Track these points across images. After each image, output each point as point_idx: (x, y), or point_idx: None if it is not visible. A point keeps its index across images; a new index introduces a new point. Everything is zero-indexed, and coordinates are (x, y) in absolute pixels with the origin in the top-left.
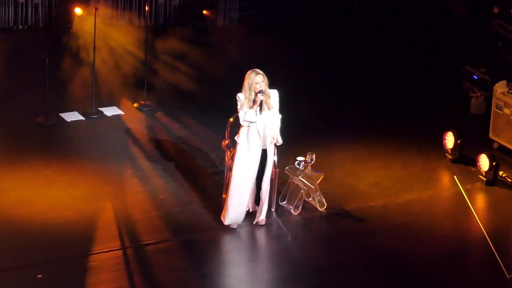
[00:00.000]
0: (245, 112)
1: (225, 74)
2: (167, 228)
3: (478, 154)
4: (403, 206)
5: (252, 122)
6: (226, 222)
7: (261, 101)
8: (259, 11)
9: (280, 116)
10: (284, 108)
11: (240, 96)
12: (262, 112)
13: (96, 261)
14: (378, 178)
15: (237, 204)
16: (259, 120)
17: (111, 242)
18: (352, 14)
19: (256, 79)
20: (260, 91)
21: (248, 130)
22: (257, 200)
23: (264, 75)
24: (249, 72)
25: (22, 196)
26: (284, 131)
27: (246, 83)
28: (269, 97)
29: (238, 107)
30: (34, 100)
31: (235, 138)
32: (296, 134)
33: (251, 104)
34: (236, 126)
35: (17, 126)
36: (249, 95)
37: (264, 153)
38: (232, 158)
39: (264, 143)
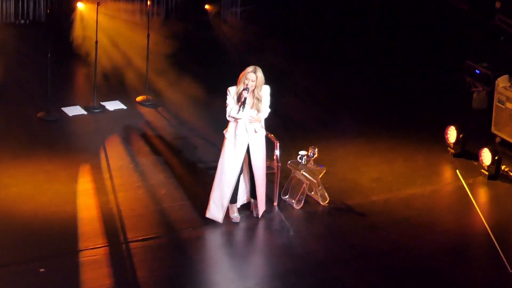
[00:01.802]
0: (231, 108)
1: (226, 68)
2: (169, 223)
3: (480, 148)
4: (405, 201)
5: (237, 118)
6: (208, 215)
7: (245, 98)
8: (261, 6)
9: (269, 110)
10: (286, 102)
11: (231, 90)
12: (244, 110)
13: (97, 255)
14: (380, 172)
15: (218, 198)
16: (244, 117)
17: (112, 236)
18: (354, 8)
19: (248, 76)
20: (246, 88)
21: (236, 126)
22: (252, 193)
23: (259, 77)
24: (249, 66)
25: (25, 191)
26: (286, 126)
27: (241, 75)
28: (260, 101)
29: (227, 101)
30: (36, 95)
31: (224, 132)
32: (298, 128)
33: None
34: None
35: (19, 121)
36: (238, 88)
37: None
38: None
39: (249, 139)
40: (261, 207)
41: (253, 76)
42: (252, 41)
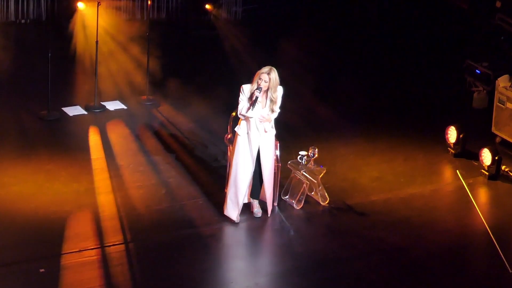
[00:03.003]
0: (243, 105)
1: (228, 68)
2: (169, 222)
3: (480, 148)
4: (406, 201)
5: (247, 117)
6: (225, 212)
7: (257, 98)
8: (262, 5)
9: (279, 111)
10: (287, 102)
11: (244, 88)
12: (255, 109)
13: (98, 255)
14: (380, 172)
15: (234, 196)
16: (254, 116)
17: (113, 236)
18: (354, 7)
19: (262, 76)
20: (258, 88)
21: (248, 123)
22: (252, 193)
23: (273, 78)
24: (265, 67)
25: (25, 190)
26: (287, 125)
27: (256, 75)
28: (274, 102)
29: (240, 98)
30: (37, 94)
31: (235, 128)
32: (298, 128)
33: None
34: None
35: (20, 121)
36: (252, 87)
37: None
38: (233, 149)
39: (261, 138)
40: (270, 206)
41: (266, 77)
42: (253, 41)
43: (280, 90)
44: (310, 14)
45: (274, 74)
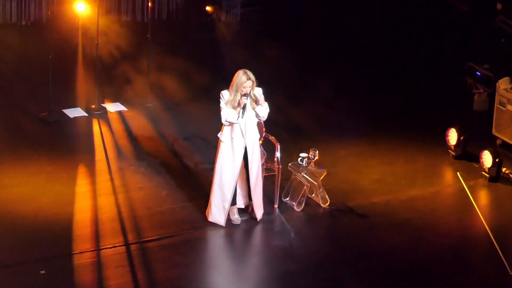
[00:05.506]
0: (228, 112)
1: (227, 70)
2: (170, 224)
3: (481, 150)
4: (406, 203)
5: (233, 123)
6: (210, 218)
7: (245, 104)
8: (262, 7)
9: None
10: (287, 104)
11: (224, 94)
12: (244, 115)
13: (98, 257)
14: (381, 174)
15: (219, 201)
16: (241, 121)
17: (114, 238)
18: (354, 10)
19: (245, 84)
20: (245, 94)
21: (231, 129)
22: (250, 196)
23: (254, 80)
24: (240, 71)
25: (26, 192)
26: (287, 127)
27: (234, 82)
28: (255, 100)
29: (221, 105)
30: (37, 96)
31: (218, 135)
32: (299, 130)
33: (235, 104)
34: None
35: (20, 122)
36: (235, 95)
37: (246, 151)
38: (216, 155)
39: (246, 142)
40: (259, 209)
41: (249, 83)
42: (252, 43)
43: (259, 91)
44: (309, 15)
45: (252, 75)
